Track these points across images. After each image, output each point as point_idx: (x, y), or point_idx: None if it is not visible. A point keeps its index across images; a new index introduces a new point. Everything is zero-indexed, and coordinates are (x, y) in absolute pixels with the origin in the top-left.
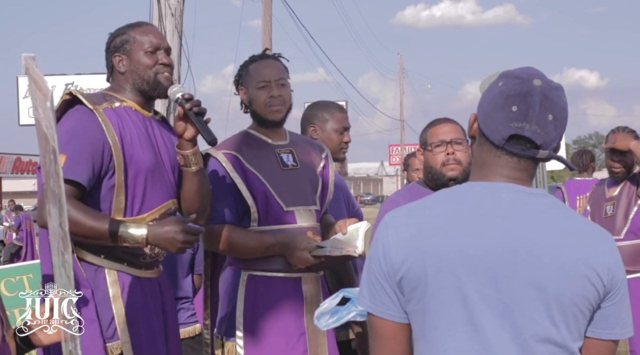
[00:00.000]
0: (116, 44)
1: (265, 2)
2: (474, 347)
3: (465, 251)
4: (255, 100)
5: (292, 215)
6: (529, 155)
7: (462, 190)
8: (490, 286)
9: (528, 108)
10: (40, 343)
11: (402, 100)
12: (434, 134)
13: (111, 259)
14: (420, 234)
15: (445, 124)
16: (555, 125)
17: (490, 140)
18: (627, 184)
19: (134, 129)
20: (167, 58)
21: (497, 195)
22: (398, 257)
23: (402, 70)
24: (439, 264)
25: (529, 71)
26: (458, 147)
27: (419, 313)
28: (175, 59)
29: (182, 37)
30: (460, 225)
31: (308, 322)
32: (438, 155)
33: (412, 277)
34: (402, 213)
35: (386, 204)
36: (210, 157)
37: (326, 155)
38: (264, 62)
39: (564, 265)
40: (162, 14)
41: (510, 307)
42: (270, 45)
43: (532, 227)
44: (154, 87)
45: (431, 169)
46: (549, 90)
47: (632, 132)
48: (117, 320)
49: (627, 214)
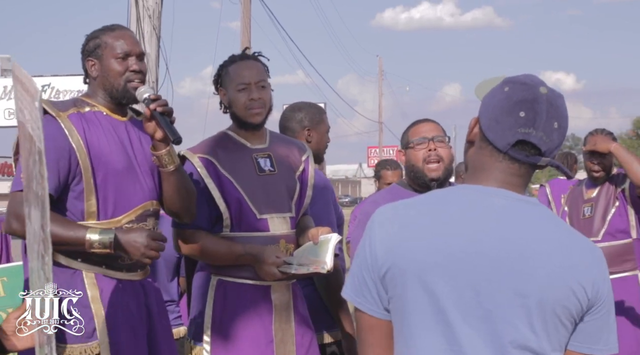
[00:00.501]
0: (89, 48)
1: (244, 4)
2: (449, 347)
3: (448, 253)
4: (235, 102)
5: (265, 223)
6: (532, 162)
7: (453, 192)
8: (471, 289)
9: (536, 115)
10: (14, 348)
11: (380, 102)
12: (415, 132)
13: (88, 263)
14: (404, 232)
15: (426, 123)
16: (559, 133)
17: (493, 145)
18: (606, 185)
19: (102, 132)
20: (139, 64)
21: (488, 199)
22: (381, 253)
23: (380, 72)
24: (419, 264)
25: (533, 78)
26: (440, 144)
27: (398, 311)
28: (153, 61)
29: (160, 39)
30: (446, 227)
31: (276, 330)
32: (420, 152)
33: (393, 274)
34: (389, 210)
35: (367, 205)
36: (186, 160)
37: (307, 157)
38: (244, 63)
39: (549, 274)
40: (140, 15)
41: (491, 311)
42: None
43: (520, 233)
44: (123, 95)
45: (413, 167)
46: (554, 98)
47: (610, 134)
48: (97, 321)
49: (605, 216)
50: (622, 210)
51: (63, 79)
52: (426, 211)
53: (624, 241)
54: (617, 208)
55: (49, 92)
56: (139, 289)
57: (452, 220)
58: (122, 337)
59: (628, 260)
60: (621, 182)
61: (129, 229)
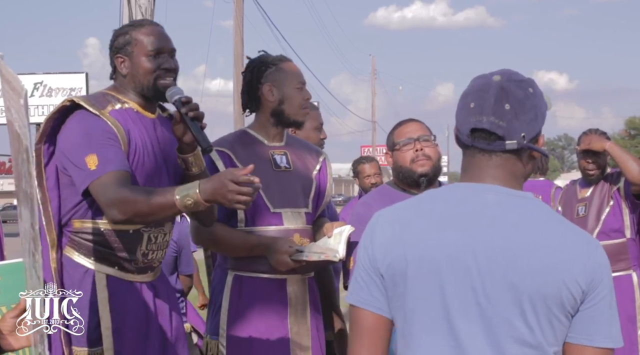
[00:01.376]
0: (118, 44)
1: (237, 3)
2: (449, 343)
3: (444, 250)
4: (291, 100)
5: (279, 217)
6: (497, 149)
7: (449, 190)
8: (467, 285)
9: (483, 101)
10: (10, 347)
11: (373, 102)
12: (400, 133)
13: (102, 262)
14: (403, 231)
15: (410, 123)
16: (516, 113)
17: (463, 143)
18: (600, 184)
19: (137, 131)
20: (171, 62)
21: (482, 196)
22: (381, 252)
23: (373, 71)
24: (418, 261)
25: (498, 71)
26: (426, 143)
27: (400, 310)
28: None
29: None
30: (442, 224)
31: (292, 324)
32: (407, 152)
33: (393, 272)
34: (391, 210)
35: (358, 207)
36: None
37: (323, 159)
38: (294, 64)
39: (540, 267)
40: (133, 14)
41: (485, 307)
42: (241, 46)
43: (513, 229)
44: (154, 93)
45: (401, 168)
46: (507, 82)
47: (604, 133)
48: (103, 326)
49: (599, 215)
50: (617, 210)
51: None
52: (423, 211)
53: (618, 241)
54: (612, 207)
55: (41, 89)
56: (150, 291)
57: (448, 219)
58: (128, 345)
59: (622, 260)
60: (615, 181)
61: (212, 177)
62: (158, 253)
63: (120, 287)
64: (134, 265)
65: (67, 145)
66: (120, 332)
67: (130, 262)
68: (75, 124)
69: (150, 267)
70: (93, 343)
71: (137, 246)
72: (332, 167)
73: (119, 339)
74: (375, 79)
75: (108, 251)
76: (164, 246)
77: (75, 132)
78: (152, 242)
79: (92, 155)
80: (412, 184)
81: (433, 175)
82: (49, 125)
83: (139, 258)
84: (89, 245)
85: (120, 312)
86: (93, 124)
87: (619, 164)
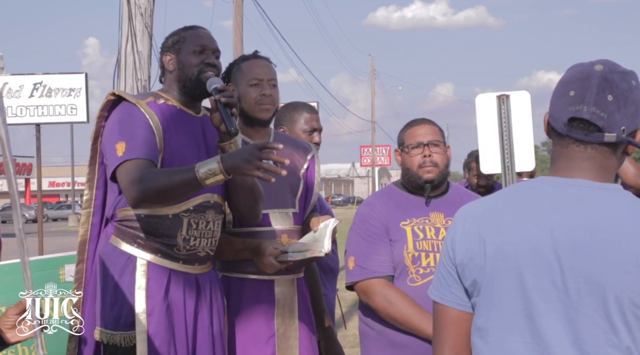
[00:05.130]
0: (168, 44)
1: (236, 3)
2: (527, 340)
3: (524, 245)
4: (245, 97)
5: (267, 218)
6: (595, 140)
7: (531, 184)
8: (548, 281)
9: (585, 91)
10: (8, 342)
11: (373, 102)
12: (411, 135)
13: (144, 249)
14: (482, 226)
15: (422, 125)
16: (618, 105)
17: (557, 132)
18: None
19: (175, 124)
20: (214, 59)
21: (564, 190)
22: (462, 247)
23: (373, 71)
24: (497, 256)
25: (599, 61)
26: (435, 149)
27: (480, 305)
28: (146, 60)
29: (152, 38)
30: (521, 218)
31: (279, 325)
32: (415, 157)
33: (474, 267)
34: (471, 206)
35: (363, 207)
36: None
37: (312, 156)
38: (257, 61)
39: (620, 259)
40: (132, 14)
41: (568, 304)
42: (241, 46)
43: (594, 222)
44: (196, 84)
45: (408, 170)
46: (610, 73)
47: None
48: (137, 311)
49: None
50: None
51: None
52: (503, 205)
53: None
54: None
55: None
56: (192, 283)
57: (527, 213)
58: (160, 331)
59: None
60: None
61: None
62: (202, 241)
63: (161, 273)
64: (177, 251)
65: (106, 134)
66: (155, 316)
67: (172, 248)
68: (113, 115)
69: (197, 257)
70: (128, 327)
71: (177, 231)
72: (331, 167)
73: (153, 323)
74: (374, 79)
75: (150, 237)
76: (208, 235)
77: (111, 121)
78: (192, 227)
79: (121, 142)
80: (416, 187)
81: (439, 182)
82: (100, 124)
83: (180, 243)
84: (132, 232)
85: (156, 299)
86: (127, 112)
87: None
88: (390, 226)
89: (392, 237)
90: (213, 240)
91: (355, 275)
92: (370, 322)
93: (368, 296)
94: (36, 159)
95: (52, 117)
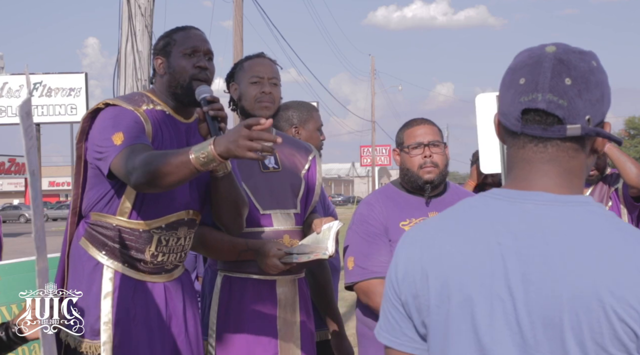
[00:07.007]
0: (159, 47)
1: (236, 3)
2: None
3: (473, 278)
4: (245, 95)
5: (269, 219)
6: (555, 135)
7: (480, 201)
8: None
9: (538, 76)
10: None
11: (373, 102)
12: (410, 135)
13: (112, 258)
14: (424, 255)
15: (422, 125)
16: (579, 90)
17: (510, 131)
18: (599, 185)
19: (165, 133)
20: (205, 62)
21: (519, 206)
22: (405, 282)
23: (373, 71)
24: (443, 293)
25: (551, 43)
26: (435, 149)
27: (433, 352)
28: (146, 59)
29: (152, 38)
30: (468, 245)
31: (280, 325)
32: (415, 157)
33: (420, 306)
34: (415, 228)
35: (361, 206)
36: None
37: (313, 156)
38: (260, 59)
39: (582, 294)
40: (132, 13)
41: (522, 347)
42: (241, 46)
43: (552, 247)
44: (186, 93)
45: (407, 171)
46: (565, 53)
47: None
48: (102, 320)
49: None
50: (615, 210)
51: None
52: (447, 227)
53: None
54: (610, 208)
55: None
56: (160, 292)
57: (476, 237)
58: (127, 341)
59: None
60: (614, 182)
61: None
62: (170, 256)
63: (127, 283)
64: (143, 265)
65: (95, 132)
66: (121, 326)
67: (139, 262)
68: (104, 113)
69: (164, 269)
70: (93, 335)
71: (145, 247)
72: (331, 167)
73: (119, 333)
74: (374, 79)
75: (118, 247)
76: (177, 250)
77: (103, 119)
78: (162, 244)
79: (118, 133)
80: (416, 187)
81: (439, 182)
82: (86, 123)
83: (147, 259)
84: (101, 239)
85: (123, 307)
86: (121, 110)
87: (618, 167)
88: (389, 226)
89: (391, 237)
90: (183, 253)
91: (355, 275)
92: (369, 322)
93: (368, 296)
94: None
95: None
